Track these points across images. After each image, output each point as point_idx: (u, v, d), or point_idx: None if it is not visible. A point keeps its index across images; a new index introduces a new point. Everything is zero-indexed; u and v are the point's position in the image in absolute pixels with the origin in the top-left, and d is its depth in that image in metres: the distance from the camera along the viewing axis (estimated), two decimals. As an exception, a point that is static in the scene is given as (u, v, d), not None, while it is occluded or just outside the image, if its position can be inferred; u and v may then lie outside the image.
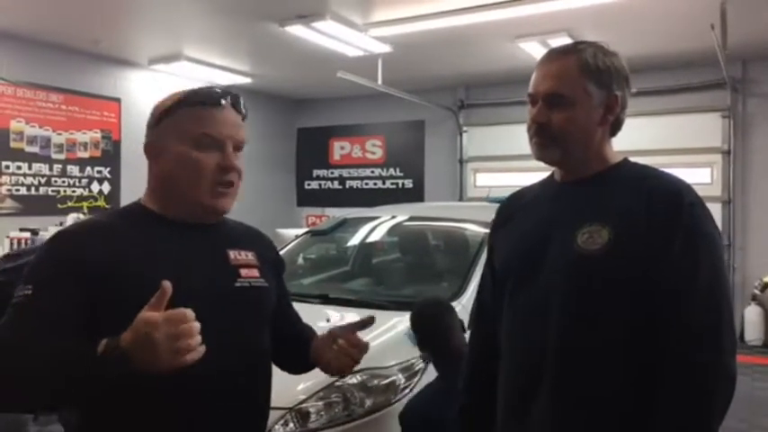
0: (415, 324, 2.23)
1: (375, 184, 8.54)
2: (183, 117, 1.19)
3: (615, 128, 1.30)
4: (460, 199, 7.75)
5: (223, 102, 1.21)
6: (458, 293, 2.87)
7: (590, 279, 1.18)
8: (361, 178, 8.65)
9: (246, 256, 1.29)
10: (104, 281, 1.09)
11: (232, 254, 1.27)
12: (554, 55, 1.30)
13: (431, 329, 2.20)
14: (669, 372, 1.11)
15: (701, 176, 6.29)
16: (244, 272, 1.27)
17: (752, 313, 6.28)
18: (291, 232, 6.05)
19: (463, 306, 2.76)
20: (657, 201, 1.17)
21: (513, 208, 1.43)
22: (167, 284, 0.98)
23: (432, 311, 2.26)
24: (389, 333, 2.60)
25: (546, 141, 1.27)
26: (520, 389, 1.26)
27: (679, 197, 1.18)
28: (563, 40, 5.41)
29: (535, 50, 5.78)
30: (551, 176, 1.38)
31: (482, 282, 1.51)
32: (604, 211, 1.21)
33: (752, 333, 6.25)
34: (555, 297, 1.21)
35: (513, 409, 1.27)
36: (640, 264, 1.15)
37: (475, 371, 1.46)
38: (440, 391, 2.01)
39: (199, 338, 0.97)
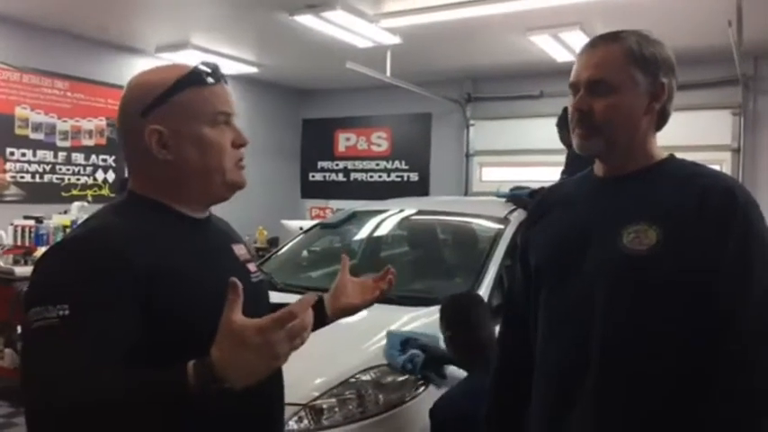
0: (445, 316, 2.22)
1: (380, 176, 8.48)
2: (190, 97, 1.10)
3: (661, 120, 1.25)
4: (466, 193, 7.72)
5: (221, 77, 1.16)
6: (472, 289, 2.83)
7: (637, 281, 1.13)
8: (366, 171, 8.58)
9: (244, 250, 1.26)
10: (146, 285, 0.99)
11: (236, 249, 1.23)
12: (596, 42, 1.25)
13: (460, 321, 2.19)
14: (719, 382, 1.07)
15: (710, 174, 6.24)
16: (250, 267, 1.24)
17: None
18: (296, 224, 6.01)
19: (478, 302, 2.72)
20: (710, 200, 1.12)
21: (548, 203, 1.38)
22: (236, 282, 0.90)
23: (462, 303, 2.25)
24: (402, 329, 2.56)
25: (589, 132, 1.22)
26: (557, 394, 1.21)
27: (733, 197, 1.13)
28: (575, 34, 5.35)
29: (546, 44, 5.72)
30: (591, 171, 1.32)
31: (512, 280, 1.48)
32: (651, 210, 1.15)
33: None
34: (597, 298, 1.16)
35: (550, 416, 1.23)
36: (691, 266, 1.10)
37: (504, 373, 1.42)
38: (473, 387, 1.98)
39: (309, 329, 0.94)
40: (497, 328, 1.52)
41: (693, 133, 6.44)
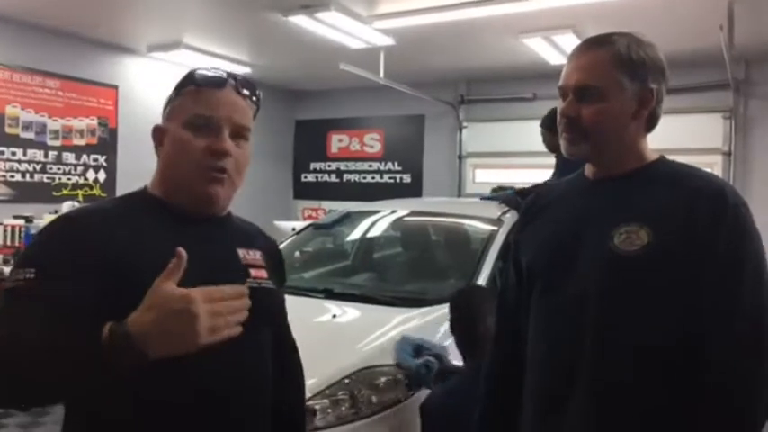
0: (454, 300, 2.25)
1: (373, 177, 8.47)
2: (182, 99, 1.16)
3: (651, 123, 1.25)
4: (459, 195, 7.73)
5: (226, 83, 1.15)
6: (464, 291, 2.84)
7: (628, 282, 1.13)
8: (359, 172, 8.58)
9: (255, 256, 1.24)
10: (117, 269, 1.02)
11: (241, 252, 1.22)
12: (585, 47, 1.26)
13: (464, 312, 2.20)
14: (711, 378, 1.08)
15: (701, 177, 6.29)
16: (253, 272, 1.22)
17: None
18: (289, 225, 5.99)
19: (471, 304, 2.72)
20: (700, 201, 1.13)
21: (539, 205, 1.38)
22: (182, 252, 0.93)
23: (471, 294, 2.28)
24: (395, 330, 2.56)
25: (575, 136, 1.23)
26: (550, 396, 1.21)
27: (724, 198, 1.13)
28: (568, 37, 5.37)
29: (539, 47, 5.74)
30: (582, 173, 1.33)
31: (503, 281, 1.47)
32: (642, 211, 1.16)
33: None
34: (589, 300, 1.16)
35: (541, 416, 1.23)
36: (682, 267, 1.11)
37: (497, 372, 1.42)
38: (466, 384, 1.98)
39: (243, 315, 0.94)
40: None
41: (684, 136, 6.49)
